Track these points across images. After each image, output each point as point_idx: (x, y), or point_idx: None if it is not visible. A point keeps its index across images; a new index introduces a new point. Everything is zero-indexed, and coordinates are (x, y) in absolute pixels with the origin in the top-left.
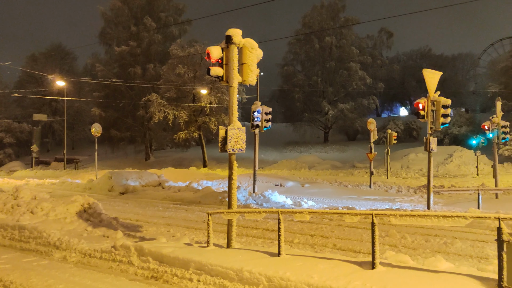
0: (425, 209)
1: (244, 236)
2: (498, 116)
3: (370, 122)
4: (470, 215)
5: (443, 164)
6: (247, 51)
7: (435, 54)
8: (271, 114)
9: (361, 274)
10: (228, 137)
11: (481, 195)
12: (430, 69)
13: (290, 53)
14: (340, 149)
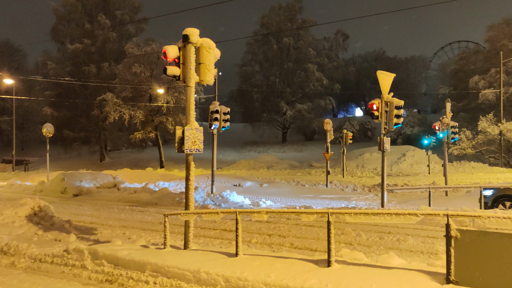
0: (379, 207)
1: (201, 237)
2: (448, 116)
3: (326, 122)
4: (421, 212)
5: (397, 163)
6: (205, 50)
7: (389, 57)
8: (229, 114)
9: (317, 272)
10: (185, 137)
11: (432, 193)
12: (384, 71)
13: (248, 53)
14: (298, 149)
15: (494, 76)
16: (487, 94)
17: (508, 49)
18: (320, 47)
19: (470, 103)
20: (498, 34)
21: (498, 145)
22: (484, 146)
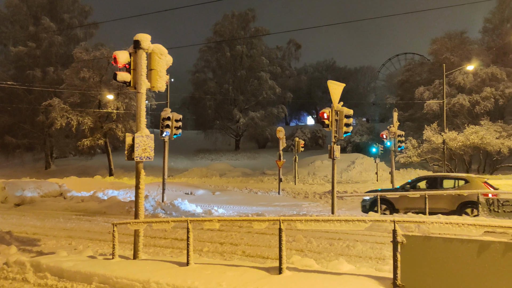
0: (329, 214)
1: (152, 246)
2: (395, 125)
3: (279, 130)
4: (369, 218)
5: (346, 171)
6: (156, 57)
7: (339, 67)
8: (181, 121)
9: (268, 279)
10: (136, 145)
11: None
12: (334, 80)
13: (201, 60)
14: (251, 157)
15: (438, 87)
16: (431, 105)
17: (450, 61)
18: (272, 56)
19: (416, 112)
20: (441, 48)
21: (442, 153)
22: (428, 154)
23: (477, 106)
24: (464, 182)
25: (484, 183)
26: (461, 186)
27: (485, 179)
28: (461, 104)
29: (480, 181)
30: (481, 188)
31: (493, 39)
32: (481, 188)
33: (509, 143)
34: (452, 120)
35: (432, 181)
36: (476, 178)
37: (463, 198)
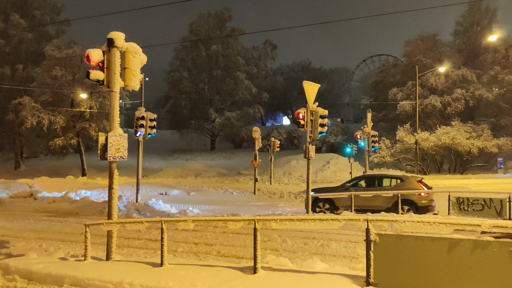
0: (304, 213)
1: (125, 247)
2: (369, 126)
3: (255, 130)
4: (343, 218)
5: (321, 171)
6: (130, 55)
7: (314, 67)
8: (156, 120)
9: (243, 279)
10: (109, 144)
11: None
12: (309, 81)
13: (176, 59)
14: (227, 157)
15: (410, 88)
16: (404, 105)
17: (423, 63)
18: (249, 56)
19: (389, 113)
20: (414, 50)
21: (414, 153)
22: (401, 154)
23: (449, 107)
24: (400, 181)
25: (418, 182)
26: (397, 184)
27: (419, 178)
28: (433, 105)
29: (414, 180)
30: (415, 187)
31: (464, 41)
32: (415, 187)
33: (478, 144)
34: (425, 120)
35: (371, 180)
36: (411, 177)
37: (397, 196)
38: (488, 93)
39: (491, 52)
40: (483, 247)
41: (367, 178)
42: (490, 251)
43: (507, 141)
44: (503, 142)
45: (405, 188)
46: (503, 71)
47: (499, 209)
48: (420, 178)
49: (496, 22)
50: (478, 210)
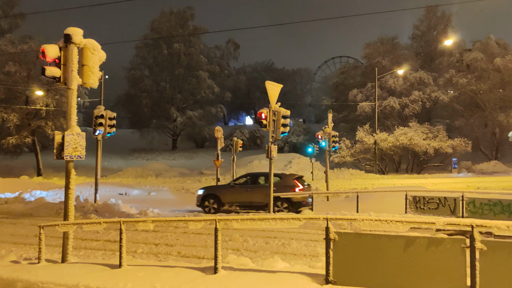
0: (267, 212)
1: (83, 249)
2: (330, 126)
3: (217, 130)
4: (303, 216)
5: (283, 170)
6: (89, 52)
7: (277, 68)
8: (115, 119)
9: (204, 279)
10: (66, 143)
11: (315, 198)
12: (272, 81)
13: (137, 57)
14: (188, 156)
15: (370, 90)
16: (364, 107)
17: (382, 65)
18: (211, 55)
19: (349, 114)
20: (373, 52)
21: (373, 154)
22: (361, 154)
23: (406, 108)
24: (279, 178)
25: (295, 180)
26: (276, 182)
27: (296, 176)
28: (392, 107)
29: (291, 178)
30: (292, 184)
31: (421, 45)
32: (291, 184)
33: (434, 144)
34: (384, 121)
35: (254, 178)
36: (288, 175)
37: (275, 192)
38: (444, 95)
39: (447, 56)
40: (437, 244)
41: (251, 176)
42: (443, 247)
43: (461, 142)
44: (457, 142)
45: (283, 185)
46: (457, 75)
47: (453, 208)
48: (298, 176)
49: (451, 27)
50: (433, 209)
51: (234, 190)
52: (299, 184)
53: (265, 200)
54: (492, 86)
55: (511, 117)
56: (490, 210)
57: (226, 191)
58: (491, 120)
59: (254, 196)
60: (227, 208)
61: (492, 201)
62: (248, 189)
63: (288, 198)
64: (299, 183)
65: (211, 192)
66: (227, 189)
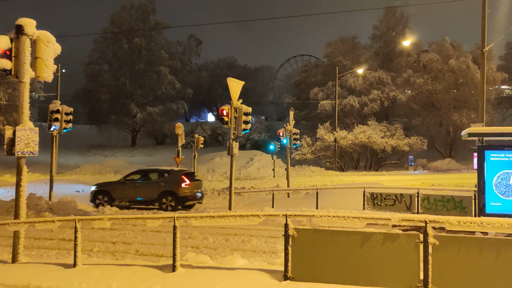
0: (227, 210)
1: (35, 248)
2: (291, 124)
3: (178, 126)
4: (263, 213)
5: (245, 167)
6: (42, 44)
7: (239, 65)
8: (72, 114)
9: (161, 278)
10: (17, 139)
11: (276, 195)
12: (235, 78)
13: (96, 51)
14: (148, 153)
15: (331, 88)
16: (325, 105)
17: (342, 64)
18: (173, 50)
19: (310, 112)
20: (334, 51)
21: (333, 151)
22: (321, 151)
23: (366, 107)
24: (168, 174)
25: (182, 175)
26: (165, 177)
27: (185, 171)
28: (352, 105)
29: (179, 174)
30: (179, 179)
31: (380, 45)
32: (179, 180)
33: (392, 142)
34: (343, 120)
35: (145, 174)
36: (177, 170)
37: (162, 188)
38: (402, 94)
39: (405, 56)
40: (393, 239)
41: (141, 172)
42: (398, 243)
43: (417, 140)
44: (413, 141)
45: (171, 180)
46: (414, 75)
47: (409, 204)
48: (188, 172)
49: (409, 28)
50: (390, 205)
51: (124, 186)
52: (186, 180)
53: (154, 195)
54: (447, 86)
55: (464, 116)
56: (443, 206)
57: (117, 187)
58: (445, 119)
59: (144, 192)
60: (117, 203)
61: (445, 197)
62: (137, 185)
63: (174, 193)
64: (186, 179)
65: (103, 188)
66: (118, 186)
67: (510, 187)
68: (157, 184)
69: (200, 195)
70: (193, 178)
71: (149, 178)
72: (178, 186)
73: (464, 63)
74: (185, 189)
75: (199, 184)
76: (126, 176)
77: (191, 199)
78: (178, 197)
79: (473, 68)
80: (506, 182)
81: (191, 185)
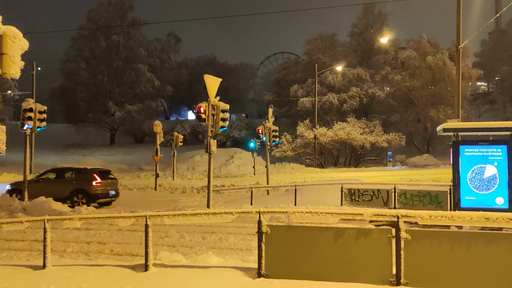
0: (205, 208)
1: (6, 250)
2: (270, 121)
3: (156, 124)
4: (235, 210)
5: (225, 165)
6: (9, 40)
7: (219, 62)
8: (46, 113)
9: (133, 277)
10: None
11: (256, 192)
12: (215, 76)
13: (73, 48)
14: (127, 152)
15: (310, 85)
16: (304, 102)
17: (322, 62)
18: (151, 48)
19: (290, 109)
20: (314, 48)
21: (313, 148)
22: (301, 148)
23: (345, 104)
24: (80, 172)
25: (94, 174)
26: (77, 176)
27: (98, 170)
28: (331, 102)
29: (91, 172)
30: (91, 177)
31: (359, 42)
32: (90, 178)
33: (371, 139)
34: (323, 117)
35: (59, 172)
36: (90, 169)
37: (74, 185)
38: (380, 91)
39: (383, 53)
40: (366, 234)
41: (56, 170)
42: (371, 238)
43: (396, 136)
44: (392, 137)
45: (82, 179)
46: (393, 72)
47: (386, 199)
48: (101, 170)
49: (387, 25)
50: (367, 201)
51: (38, 184)
52: (97, 178)
53: (66, 193)
54: (424, 83)
55: (441, 112)
56: (419, 201)
57: (30, 186)
58: (423, 115)
59: (56, 190)
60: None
61: (421, 192)
62: (50, 183)
63: (85, 191)
64: (97, 177)
65: (17, 187)
66: (31, 184)
67: (484, 181)
68: (70, 182)
69: (114, 193)
70: (106, 177)
71: (62, 176)
72: (89, 184)
73: (441, 60)
74: (96, 187)
75: (113, 182)
76: (40, 174)
77: (102, 197)
78: (89, 194)
79: (450, 65)
80: (480, 176)
81: (102, 183)
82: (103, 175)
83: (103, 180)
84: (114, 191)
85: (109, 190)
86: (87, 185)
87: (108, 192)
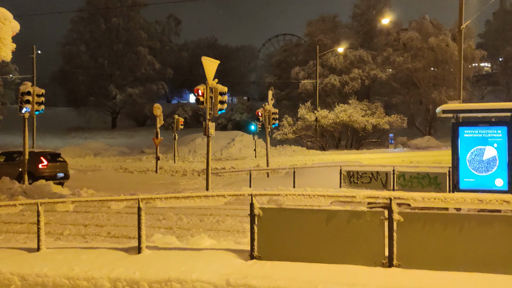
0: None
1: (4, 232)
2: (270, 103)
3: (156, 107)
4: (228, 193)
5: (227, 148)
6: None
7: (220, 45)
8: (44, 96)
9: (126, 260)
10: None
11: (256, 174)
12: (215, 59)
13: (73, 31)
14: (129, 135)
15: (312, 67)
16: (306, 84)
17: (323, 43)
18: (152, 30)
19: (292, 92)
20: (315, 30)
21: (314, 130)
22: (303, 131)
23: (346, 86)
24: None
25: (41, 157)
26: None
27: (46, 153)
28: (333, 84)
29: (39, 155)
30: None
31: (361, 24)
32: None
33: (372, 121)
34: (325, 99)
35: (7, 156)
36: (37, 152)
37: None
38: (382, 73)
39: (385, 34)
40: (358, 217)
41: (5, 154)
42: (364, 220)
43: (398, 118)
44: (394, 119)
45: (28, 162)
46: (394, 53)
47: (385, 181)
48: (50, 152)
49: (389, 6)
50: (366, 183)
51: None
52: (44, 161)
53: (14, 175)
54: (426, 64)
55: (444, 94)
56: (418, 183)
57: None
58: (425, 97)
59: (4, 172)
60: None
61: (420, 174)
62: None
63: (31, 173)
64: (44, 160)
65: None
66: None
67: (483, 163)
68: (17, 165)
69: (62, 175)
70: (54, 160)
71: (12, 159)
72: (35, 166)
73: (443, 41)
74: (42, 169)
75: (62, 165)
76: None
77: (49, 179)
78: (35, 177)
79: (453, 46)
80: (479, 158)
81: (49, 165)
82: (51, 158)
83: (50, 163)
84: (63, 173)
85: (57, 172)
86: (33, 168)
87: (56, 175)
